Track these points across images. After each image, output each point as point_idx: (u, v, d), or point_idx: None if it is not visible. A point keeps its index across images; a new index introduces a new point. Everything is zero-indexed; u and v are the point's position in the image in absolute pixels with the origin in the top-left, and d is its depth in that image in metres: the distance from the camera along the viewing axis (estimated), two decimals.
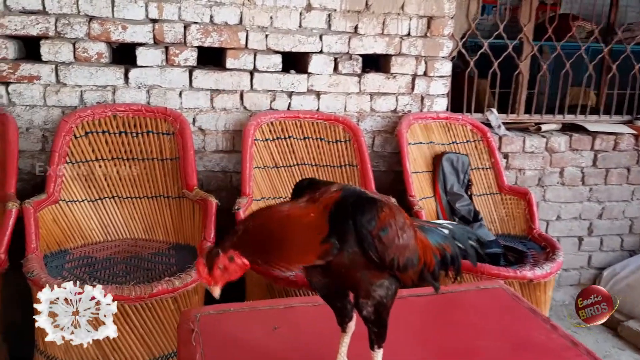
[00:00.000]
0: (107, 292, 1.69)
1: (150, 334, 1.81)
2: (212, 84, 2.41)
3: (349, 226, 0.95)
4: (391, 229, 0.98)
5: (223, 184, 2.52)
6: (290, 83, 2.49)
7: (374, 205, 0.97)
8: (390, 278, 1.02)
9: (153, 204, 2.28)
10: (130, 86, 2.33)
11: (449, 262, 1.14)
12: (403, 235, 1.00)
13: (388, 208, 0.99)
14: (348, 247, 0.95)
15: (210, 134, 2.46)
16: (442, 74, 2.65)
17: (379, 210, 0.97)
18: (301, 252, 0.95)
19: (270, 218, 0.97)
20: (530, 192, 2.61)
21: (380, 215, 0.96)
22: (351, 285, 1.02)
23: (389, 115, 2.65)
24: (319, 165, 2.50)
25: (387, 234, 0.97)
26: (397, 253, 0.99)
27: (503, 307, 1.53)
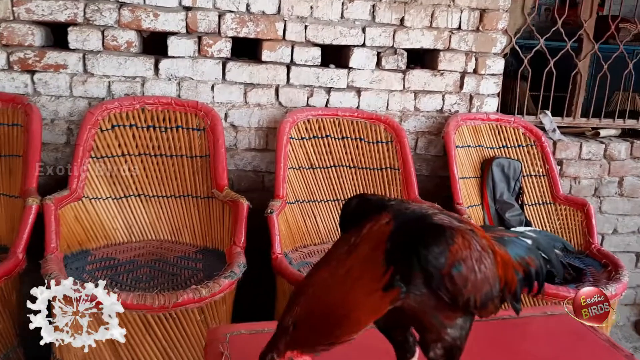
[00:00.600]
0: (130, 299, 1.58)
1: (173, 347, 1.66)
2: (246, 77, 2.25)
3: (413, 264, 0.76)
4: (466, 264, 0.78)
5: (254, 184, 2.36)
6: (329, 78, 2.32)
7: (441, 237, 0.77)
8: (465, 316, 0.83)
9: (180, 204, 2.14)
10: (161, 78, 2.19)
11: (533, 278, 0.94)
12: (481, 267, 0.80)
13: (460, 236, 0.79)
14: (414, 288, 0.77)
15: (242, 131, 2.30)
16: (493, 72, 2.45)
17: (449, 241, 0.77)
18: (367, 313, 0.77)
19: (318, 298, 0.78)
20: (588, 203, 2.38)
21: (451, 248, 0.77)
22: (418, 327, 0.84)
23: (434, 116, 2.46)
24: (358, 168, 2.32)
25: (461, 271, 0.78)
26: (474, 292, 0.80)
27: (576, 338, 1.32)
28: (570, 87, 2.69)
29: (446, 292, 0.77)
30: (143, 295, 1.57)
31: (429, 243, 0.76)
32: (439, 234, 0.78)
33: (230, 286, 1.72)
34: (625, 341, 2.73)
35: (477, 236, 0.83)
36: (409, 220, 0.80)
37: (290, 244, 2.14)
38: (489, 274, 0.82)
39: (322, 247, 2.20)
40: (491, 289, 0.83)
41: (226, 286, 1.70)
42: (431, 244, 0.76)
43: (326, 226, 2.27)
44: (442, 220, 0.81)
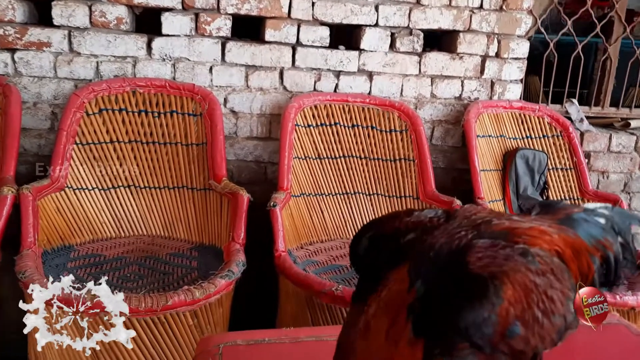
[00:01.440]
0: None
1: (162, 355, 1.47)
2: (247, 58, 2.06)
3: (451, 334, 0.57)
4: (523, 321, 0.58)
5: (256, 176, 2.17)
6: (338, 61, 2.12)
7: (482, 299, 0.56)
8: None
9: (174, 196, 1.95)
10: (154, 58, 2.00)
11: (613, 265, 0.74)
12: (547, 307, 0.61)
13: (510, 285, 0.58)
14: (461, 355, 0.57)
15: (243, 117, 2.11)
16: (517, 56, 2.24)
17: (494, 301, 0.56)
18: None
19: None
20: (620, 199, 2.17)
21: (498, 310, 0.56)
22: None
23: (452, 103, 2.26)
24: (369, 158, 2.13)
25: (518, 333, 0.58)
26: (542, 341, 0.61)
27: (630, 352, 1.13)
28: (599, 74, 2.49)
29: (505, 356, 0.58)
30: (128, 297, 1.38)
31: (467, 312, 0.56)
32: (479, 295, 0.56)
33: (227, 287, 1.53)
34: None
35: (533, 261, 0.62)
36: (436, 275, 0.59)
37: (295, 241, 1.95)
38: (559, 306, 0.62)
39: (330, 245, 2.01)
40: (565, 320, 0.64)
41: (223, 287, 1.51)
42: (470, 314, 0.56)
43: (334, 222, 2.08)
44: (481, 262, 0.59)
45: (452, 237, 0.62)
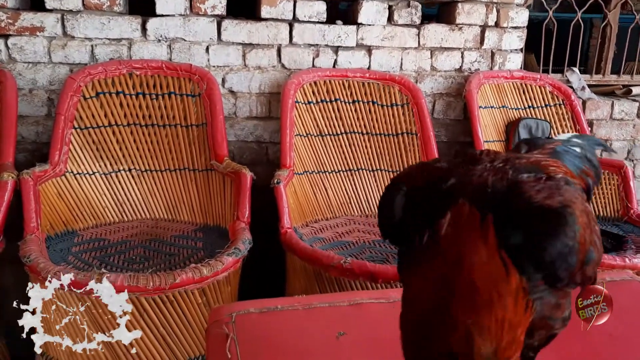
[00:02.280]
0: (120, 281, 1.37)
1: (172, 333, 1.46)
2: (244, 37, 2.03)
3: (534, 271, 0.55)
4: (594, 245, 0.58)
5: (258, 156, 2.15)
6: (336, 36, 2.10)
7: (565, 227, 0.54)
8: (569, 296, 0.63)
9: (176, 178, 1.93)
10: (149, 39, 1.97)
11: (591, 190, 0.74)
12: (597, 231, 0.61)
13: (582, 213, 0.57)
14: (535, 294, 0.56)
15: (242, 97, 2.08)
16: (517, 25, 2.22)
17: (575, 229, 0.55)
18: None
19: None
20: (625, 164, 2.16)
21: (579, 237, 0.55)
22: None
23: (452, 75, 2.23)
24: (371, 134, 2.10)
25: (594, 257, 0.58)
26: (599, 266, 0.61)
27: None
28: (599, 41, 2.46)
29: (575, 285, 0.58)
30: (135, 276, 1.37)
31: (552, 245, 0.54)
32: (561, 226, 0.54)
33: (234, 264, 1.51)
34: None
35: (577, 188, 0.61)
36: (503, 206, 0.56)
37: (300, 219, 1.93)
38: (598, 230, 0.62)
39: (335, 222, 1.99)
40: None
41: (230, 264, 1.49)
42: (556, 245, 0.54)
43: (338, 199, 2.06)
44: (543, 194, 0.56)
45: (496, 174, 0.60)
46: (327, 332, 0.97)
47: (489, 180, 0.59)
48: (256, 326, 0.98)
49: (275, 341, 0.94)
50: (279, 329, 0.98)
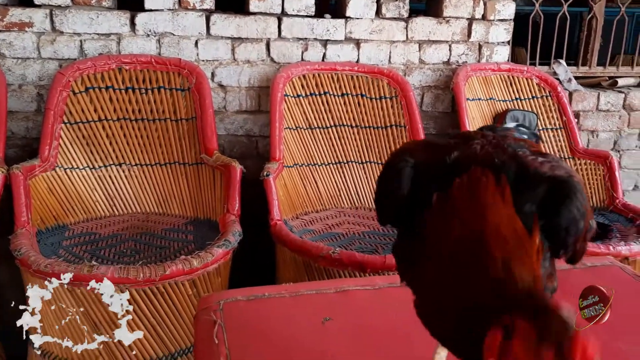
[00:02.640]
0: (111, 273, 1.38)
1: (163, 324, 1.47)
2: (233, 31, 2.04)
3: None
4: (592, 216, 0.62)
5: (248, 150, 2.16)
6: (325, 29, 2.11)
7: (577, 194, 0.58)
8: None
9: (167, 172, 1.94)
10: (138, 34, 1.98)
11: None
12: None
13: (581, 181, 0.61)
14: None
15: (232, 91, 2.10)
16: (504, 17, 2.24)
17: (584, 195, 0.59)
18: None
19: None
20: (611, 155, 2.19)
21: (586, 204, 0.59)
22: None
23: (440, 68, 2.25)
24: (360, 127, 2.12)
25: (594, 226, 0.63)
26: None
27: (627, 292, 1.14)
28: (585, 33, 2.49)
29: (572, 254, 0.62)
30: (126, 268, 1.38)
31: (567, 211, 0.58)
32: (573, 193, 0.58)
33: (224, 256, 1.53)
34: None
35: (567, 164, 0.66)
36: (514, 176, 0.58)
37: (290, 212, 1.95)
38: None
39: (325, 214, 2.01)
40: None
41: (220, 256, 1.51)
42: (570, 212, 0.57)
43: (328, 191, 2.08)
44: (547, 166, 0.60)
45: (496, 148, 0.62)
46: (313, 318, 0.99)
47: (493, 154, 0.61)
48: (244, 313, 1.00)
49: (262, 327, 0.96)
50: (266, 316, 1.00)
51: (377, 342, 0.94)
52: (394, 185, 0.64)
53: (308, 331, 0.95)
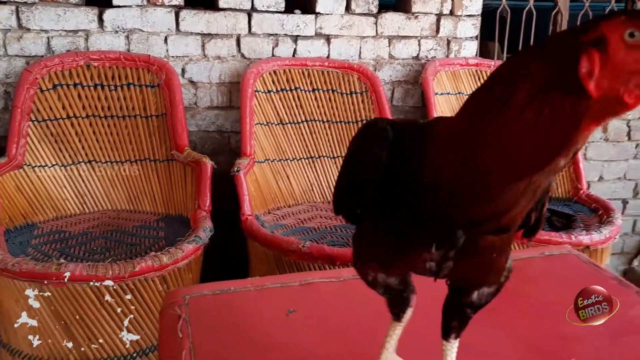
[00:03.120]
0: (79, 270, 1.39)
1: (135, 322, 1.48)
2: (202, 27, 2.04)
3: None
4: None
5: (220, 146, 2.17)
6: (295, 25, 2.12)
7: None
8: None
9: (137, 169, 1.94)
10: (106, 31, 1.97)
11: None
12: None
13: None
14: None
15: (202, 87, 2.10)
16: (471, 13, 2.28)
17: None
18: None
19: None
20: None
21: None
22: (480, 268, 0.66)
23: (410, 63, 2.28)
24: (332, 122, 2.15)
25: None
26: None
27: (583, 279, 1.19)
28: (550, 28, 2.55)
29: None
30: (94, 266, 1.39)
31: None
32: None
33: (195, 252, 1.54)
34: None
35: None
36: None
37: (262, 207, 1.96)
38: None
39: (297, 209, 2.03)
40: None
41: (191, 252, 1.52)
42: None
43: (300, 186, 2.10)
44: None
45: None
46: (278, 311, 1.01)
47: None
48: (209, 307, 1.02)
49: (227, 321, 0.98)
50: (231, 310, 1.02)
51: (341, 333, 0.97)
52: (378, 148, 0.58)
53: (272, 323, 0.97)
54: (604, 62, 0.38)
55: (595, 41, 0.38)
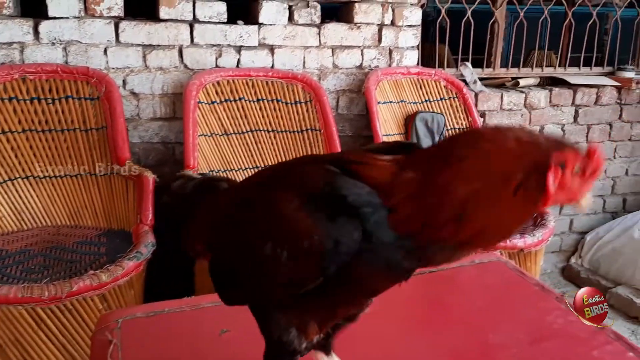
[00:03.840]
0: (14, 293, 1.36)
1: (74, 342, 1.47)
2: (143, 38, 2.02)
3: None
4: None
5: (164, 157, 2.15)
6: (238, 36, 2.13)
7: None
8: None
9: (77, 184, 1.90)
10: (42, 43, 1.92)
11: None
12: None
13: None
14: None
15: (145, 99, 2.08)
16: (411, 23, 2.34)
17: None
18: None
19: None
20: None
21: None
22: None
23: (354, 72, 2.33)
24: (277, 131, 2.16)
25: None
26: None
27: (507, 286, 1.25)
28: (488, 37, 2.64)
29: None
30: (29, 287, 1.36)
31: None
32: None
33: (136, 268, 1.53)
34: (553, 287, 2.77)
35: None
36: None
37: None
38: None
39: None
40: None
41: (132, 268, 1.51)
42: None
43: None
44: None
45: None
46: (212, 331, 1.02)
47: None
48: (143, 330, 1.02)
49: (160, 344, 0.99)
50: (164, 332, 1.02)
51: None
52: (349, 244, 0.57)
53: (205, 345, 0.98)
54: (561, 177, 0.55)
55: (560, 163, 0.55)
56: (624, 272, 2.64)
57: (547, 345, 1.03)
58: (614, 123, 2.82)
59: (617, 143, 2.86)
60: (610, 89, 2.74)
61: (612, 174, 2.91)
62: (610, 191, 2.94)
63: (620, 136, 2.85)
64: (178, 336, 1.01)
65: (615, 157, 2.88)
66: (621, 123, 2.83)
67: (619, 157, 2.88)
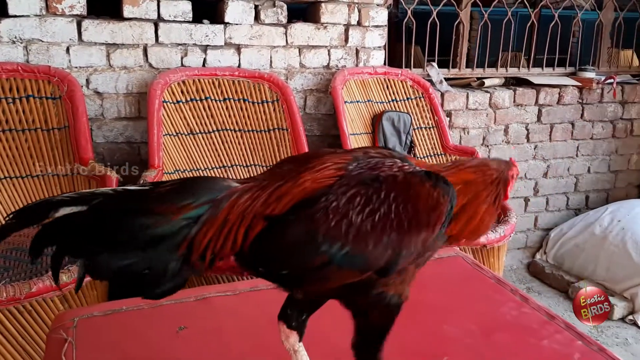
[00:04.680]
0: None
1: (34, 343, 1.44)
2: (107, 37, 2.00)
3: None
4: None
5: (130, 157, 2.13)
6: (204, 35, 2.12)
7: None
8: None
9: (39, 185, 1.87)
10: (2, 41, 1.89)
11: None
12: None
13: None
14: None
15: (109, 98, 2.06)
16: (378, 24, 2.37)
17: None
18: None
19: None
20: (477, 151, 2.40)
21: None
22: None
23: (321, 72, 2.34)
24: (244, 131, 2.16)
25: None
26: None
27: (465, 279, 1.28)
28: (453, 38, 2.69)
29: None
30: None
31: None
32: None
33: None
34: (519, 283, 2.84)
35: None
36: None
37: None
38: None
39: None
40: None
41: None
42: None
43: None
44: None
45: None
46: (169, 329, 1.02)
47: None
48: (99, 329, 1.02)
49: (116, 342, 0.98)
50: (121, 330, 1.02)
51: (231, 346, 0.99)
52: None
53: (161, 342, 0.98)
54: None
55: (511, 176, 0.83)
56: (586, 267, 2.71)
57: (500, 336, 1.06)
58: (576, 122, 2.89)
59: (579, 142, 2.94)
60: (572, 89, 2.82)
61: (574, 172, 2.99)
62: (573, 189, 3.02)
63: (582, 135, 2.93)
64: (135, 334, 1.01)
65: (578, 155, 2.96)
66: (583, 122, 2.90)
67: (581, 156, 2.96)
